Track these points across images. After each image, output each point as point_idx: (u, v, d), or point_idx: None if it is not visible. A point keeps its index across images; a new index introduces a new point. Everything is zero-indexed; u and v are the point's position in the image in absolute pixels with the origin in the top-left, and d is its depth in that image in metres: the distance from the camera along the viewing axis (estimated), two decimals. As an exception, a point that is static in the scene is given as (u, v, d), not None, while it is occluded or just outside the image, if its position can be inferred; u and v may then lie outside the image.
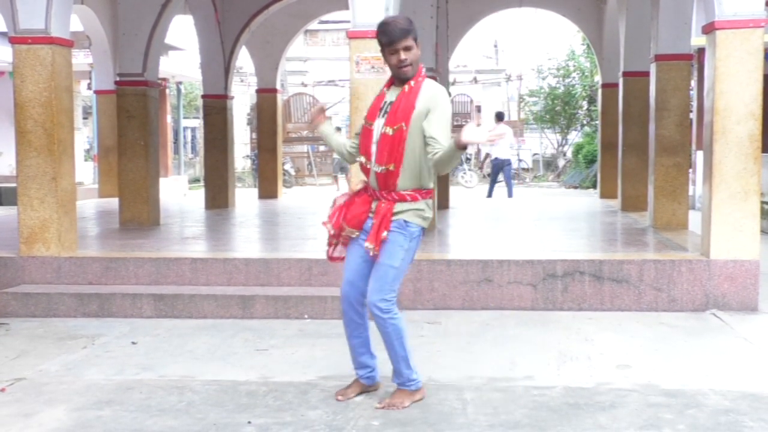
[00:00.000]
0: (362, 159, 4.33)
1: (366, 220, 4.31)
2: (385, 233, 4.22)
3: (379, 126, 4.24)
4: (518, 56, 34.42)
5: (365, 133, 4.33)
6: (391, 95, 4.30)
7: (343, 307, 4.43)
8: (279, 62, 14.77)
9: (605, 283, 6.87)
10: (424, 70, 4.35)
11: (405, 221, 4.25)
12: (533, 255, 7.18)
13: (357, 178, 4.87)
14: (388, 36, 4.20)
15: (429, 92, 4.22)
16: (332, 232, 4.43)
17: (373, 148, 4.24)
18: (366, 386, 4.61)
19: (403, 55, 4.21)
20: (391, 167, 4.18)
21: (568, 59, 26.14)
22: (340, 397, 4.54)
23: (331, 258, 4.53)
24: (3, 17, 10.29)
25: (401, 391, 4.47)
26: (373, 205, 4.31)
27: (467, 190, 22.19)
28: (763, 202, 9.66)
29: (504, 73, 33.63)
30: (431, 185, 4.33)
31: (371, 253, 4.25)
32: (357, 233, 4.34)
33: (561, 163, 26.24)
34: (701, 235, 7.18)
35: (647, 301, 6.83)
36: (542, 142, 28.10)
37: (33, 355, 5.67)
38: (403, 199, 4.23)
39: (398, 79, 4.30)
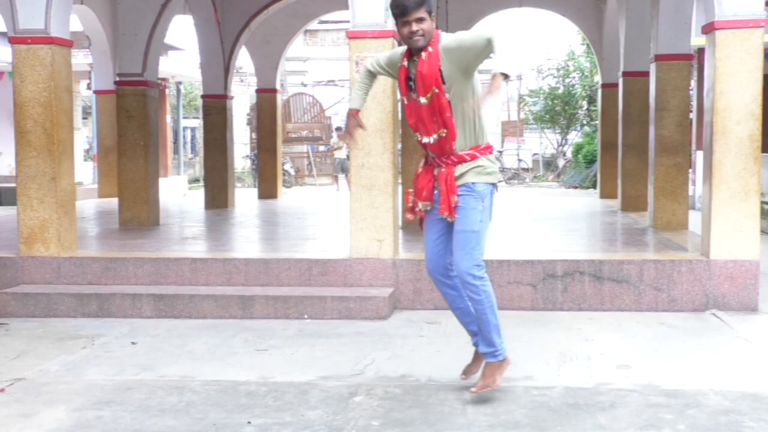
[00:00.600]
0: (416, 134, 4.38)
1: (433, 190, 4.36)
2: (455, 198, 4.25)
3: (413, 98, 4.27)
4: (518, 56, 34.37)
5: (405, 109, 4.38)
6: (412, 67, 4.29)
7: (433, 281, 4.54)
8: (279, 62, 14.77)
9: (605, 283, 6.86)
10: (439, 33, 4.30)
11: (472, 183, 4.27)
12: (533, 255, 7.18)
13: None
14: (401, 7, 4.18)
15: (445, 45, 4.19)
16: (412, 217, 4.57)
17: (418, 120, 4.30)
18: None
19: (414, 27, 4.17)
20: (443, 133, 4.20)
21: (568, 59, 26.13)
22: (463, 377, 4.59)
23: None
24: (3, 17, 10.28)
25: (490, 365, 4.44)
26: (435, 172, 4.34)
27: None
28: (763, 202, 9.66)
29: (504, 73, 33.50)
30: (488, 140, 4.35)
31: (450, 220, 4.31)
32: (430, 205, 4.39)
33: (561, 163, 26.23)
34: (701, 235, 7.18)
35: (647, 301, 6.83)
36: (542, 142, 28.09)
37: (33, 355, 5.67)
38: (462, 160, 4.25)
39: (412, 48, 4.27)
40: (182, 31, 19.00)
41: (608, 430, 4.09)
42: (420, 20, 4.17)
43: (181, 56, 22.82)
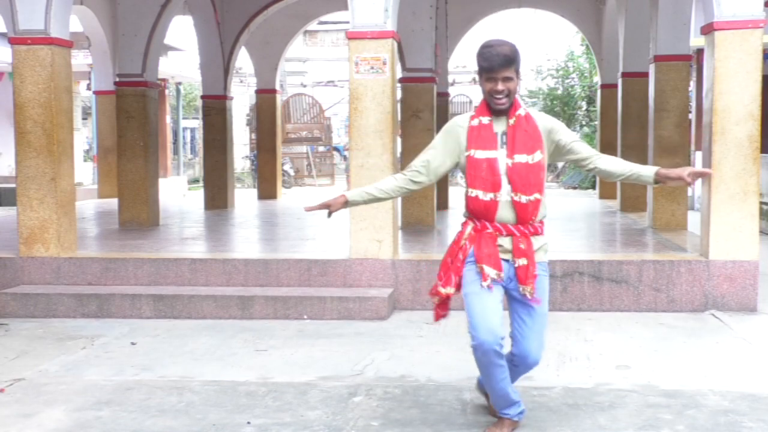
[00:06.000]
0: (479, 192, 3.86)
1: (499, 260, 3.86)
2: (536, 273, 3.87)
3: (502, 155, 3.85)
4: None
5: (482, 164, 3.86)
6: (500, 125, 3.90)
7: (477, 356, 3.85)
8: (278, 63, 14.78)
9: (604, 283, 6.87)
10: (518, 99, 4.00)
11: (544, 261, 3.96)
12: (532, 255, 7.17)
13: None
14: (489, 62, 3.80)
15: (542, 118, 3.98)
16: (450, 292, 3.97)
17: (504, 179, 3.83)
18: (518, 423, 4.13)
19: (500, 86, 3.82)
20: (537, 195, 3.85)
21: (567, 60, 26.13)
22: None
23: (439, 317, 4.11)
24: (3, 18, 10.29)
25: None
26: (504, 242, 3.87)
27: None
28: (762, 203, 9.66)
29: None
30: None
31: (529, 297, 3.85)
32: (501, 274, 3.86)
33: (560, 163, 26.24)
34: (700, 236, 7.18)
35: (646, 301, 6.84)
36: (542, 143, 28.04)
37: (32, 355, 5.67)
38: (536, 233, 3.91)
39: (492, 108, 3.91)
40: (182, 32, 19.00)
41: (607, 430, 4.10)
42: (507, 80, 3.82)
43: (180, 57, 22.81)
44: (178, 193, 19.36)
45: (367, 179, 6.89)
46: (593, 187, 19.71)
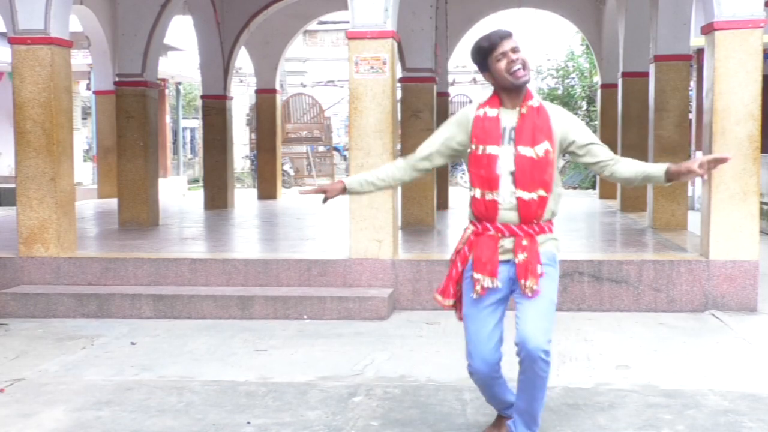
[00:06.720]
0: (478, 192, 3.67)
1: (498, 264, 3.64)
2: (540, 267, 3.62)
3: (509, 151, 3.61)
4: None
5: (482, 161, 3.63)
6: (509, 118, 3.65)
7: (473, 378, 3.76)
8: (278, 63, 14.78)
9: (604, 283, 6.87)
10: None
11: (552, 253, 3.72)
12: (532, 255, 7.17)
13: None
14: (489, 40, 3.58)
15: (557, 111, 3.72)
16: (449, 304, 3.81)
17: (506, 178, 3.61)
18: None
19: (513, 56, 3.56)
20: (541, 193, 3.61)
21: (567, 60, 26.12)
22: None
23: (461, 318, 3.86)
24: (2, 18, 10.29)
25: (502, 419, 3.96)
26: (505, 243, 3.64)
27: (467, 190, 22.18)
28: (762, 203, 9.66)
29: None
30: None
31: (530, 293, 3.58)
32: (498, 283, 3.64)
33: (560, 163, 26.15)
34: (700, 236, 7.18)
35: (646, 301, 6.84)
36: (541, 143, 28.04)
37: (32, 355, 5.67)
38: (542, 231, 3.67)
39: (511, 90, 3.65)
40: (182, 32, 19.00)
41: (607, 430, 4.10)
42: (515, 50, 3.57)
43: (180, 57, 22.81)
44: (178, 193, 19.37)
45: (367, 179, 6.88)
46: (593, 187, 19.70)
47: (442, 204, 11.78)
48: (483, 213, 3.68)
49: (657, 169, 3.78)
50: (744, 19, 6.61)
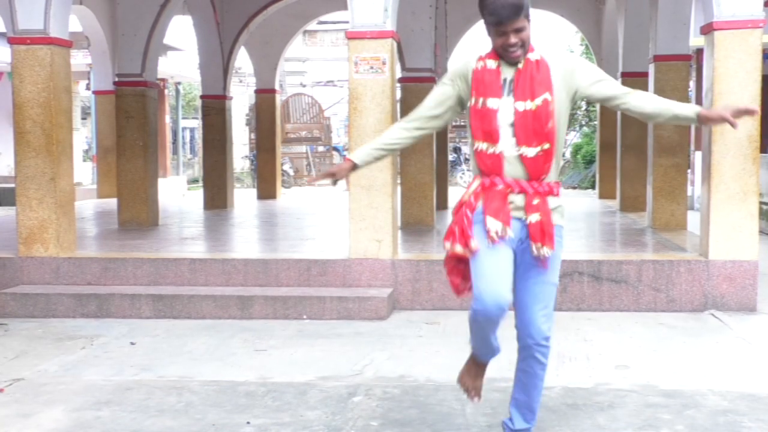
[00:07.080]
0: (482, 145, 3.52)
1: (509, 217, 3.50)
2: (553, 234, 3.54)
3: (508, 103, 3.49)
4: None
5: (483, 114, 3.51)
6: (507, 71, 3.52)
7: (476, 319, 3.51)
8: (278, 63, 14.78)
9: (604, 283, 6.87)
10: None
11: (559, 225, 3.64)
12: (532, 255, 7.17)
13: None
14: (496, 15, 3.40)
15: (558, 62, 3.56)
16: (457, 250, 3.55)
17: (506, 130, 3.48)
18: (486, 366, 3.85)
19: (512, 39, 3.43)
20: (546, 146, 3.49)
21: (566, 60, 26.14)
22: (477, 400, 3.86)
23: (461, 291, 3.69)
24: (2, 18, 10.29)
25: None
26: (516, 199, 3.52)
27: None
28: (761, 203, 9.67)
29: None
30: None
31: (541, 257, 3.51)
32: (511, 232, 3.49)
33: (560, 163, 26.22)
34: (700, 236, 7.18)
35: (646, 301, 6.84)
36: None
37: (32, 355, 5.67)
38: (550, 192, 3.58)
39: (507, 61, 3.53)
40: (181, 32, 18.99)
41: (607, 430, 4.10)
42: (518, 30, 3.42)
43: (180, 57, 22.81)
44: (178, 193, 19.37)
45: (367, 179, 6.89)
46: (593, 186, 19.70)
47: (442, 204, 11.78)
48: (489, 167, 3.54)
49: (687, 110, 3.66)
50: (743, 19, 6.61)
